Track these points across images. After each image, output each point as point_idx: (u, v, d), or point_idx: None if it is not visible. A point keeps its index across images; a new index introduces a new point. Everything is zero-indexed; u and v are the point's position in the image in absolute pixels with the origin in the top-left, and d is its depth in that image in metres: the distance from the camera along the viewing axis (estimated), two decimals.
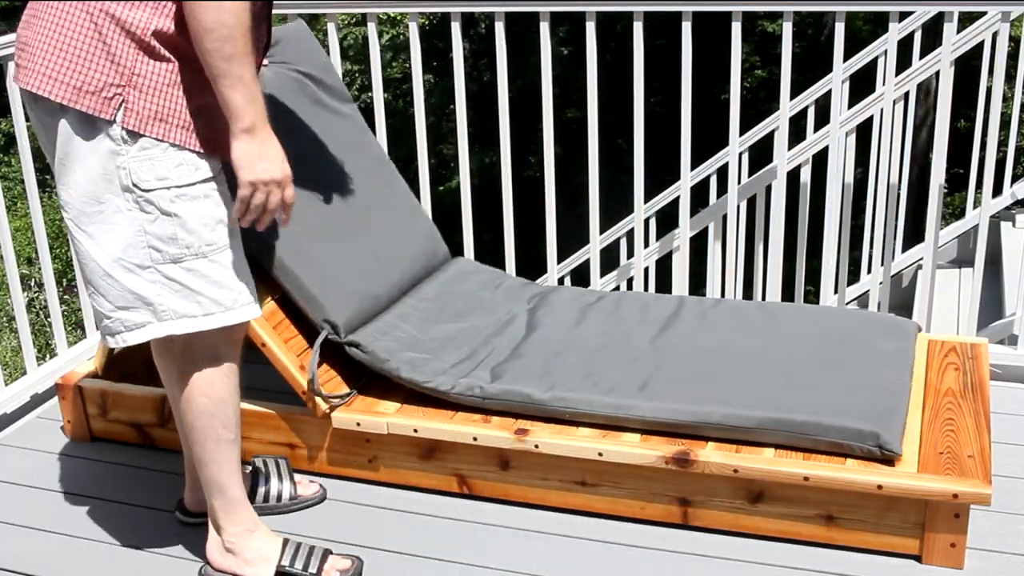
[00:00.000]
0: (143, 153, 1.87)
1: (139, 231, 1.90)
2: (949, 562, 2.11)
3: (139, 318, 1.95)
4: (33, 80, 1.86)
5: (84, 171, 1.88)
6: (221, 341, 2.02)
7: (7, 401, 2.93)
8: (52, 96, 1.84)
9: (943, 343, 2.63)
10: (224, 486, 2.07)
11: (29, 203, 3.01)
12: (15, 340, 8.74)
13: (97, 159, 1.87)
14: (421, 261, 2.82)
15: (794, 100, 4.53)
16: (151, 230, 1.90)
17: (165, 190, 1.89)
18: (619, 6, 3.07)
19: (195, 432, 2.05)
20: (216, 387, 2.03)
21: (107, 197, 1.89)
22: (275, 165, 1.90)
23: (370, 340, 2.47)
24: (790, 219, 3.13)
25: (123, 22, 1.82)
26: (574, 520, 2.32)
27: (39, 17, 1.88)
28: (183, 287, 1.94)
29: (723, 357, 2.45)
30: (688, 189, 3.18)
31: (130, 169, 1.87)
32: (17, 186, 11.16)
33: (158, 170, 1.88)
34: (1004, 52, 2.79)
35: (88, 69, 1.84)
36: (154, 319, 1.94)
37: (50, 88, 1.84)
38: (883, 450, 2.13)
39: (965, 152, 4.91)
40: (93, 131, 1.86)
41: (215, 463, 2.06)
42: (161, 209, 1.89)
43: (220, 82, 1.81)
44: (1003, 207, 4.61)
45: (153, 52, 1.84)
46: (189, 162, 1.91)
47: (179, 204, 1.90)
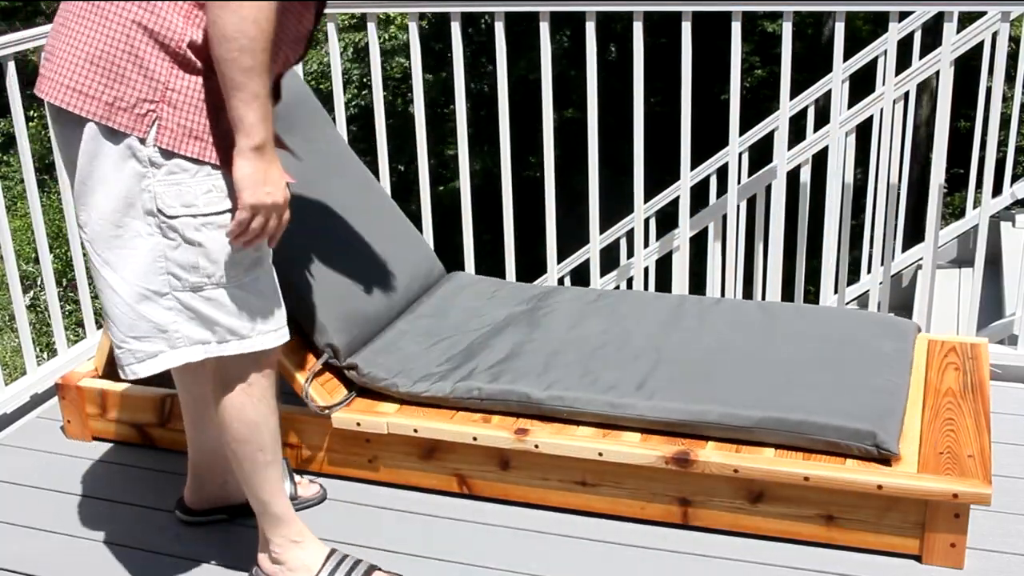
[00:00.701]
0: (170, 177, 1.78)
1: (159, 257, 1.82)
2: (949, 562, 2.11)
3: (152, 348, 1.87)
4: (59, 93, 1.77)
5: (106, 192, 1.79)
6: (250, 367, 1.95)
7: (7, 401, 2.93)
8: (82, 112, 1.76)
9: (943, 343, 2.63)
10: (267, 503, 2.06)
11: (29, 203, 3.01)
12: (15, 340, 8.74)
13: (121, 180, 1.78)
14: (419, 281, 2.84)
15: (794, 100, 4.53)
16: (172, 256, 1.82)
17: (191, 217, 1.80)
18: (619, 6, 3.07)
19: (234, 455, 2.02)
20: (247, 412, 1.97)
21: (127, 220, 1.80)
22: (278, 189, 1.80)
23: (368, 362, 2.49)
24: (790, 219, 3.13)
25: (156, 34, 1.73)
26: (574, 520, 2.32)
27: (67, 27, 1.78)
28: (199, 315, 1.86)
29: (722, 356, 2.45)
30: (688, 189, 3.18)
31: (156, 193, 1.78)
32: (17, 186, 11.16)
33: (185, 196, 1.79)
34: (1004, 52, 2.79)
35: (120, 83, 1.74)
36: (167, 347, 1.87)
37: (79, 103, 1.76)
38: (880, 450, 2.13)
39: (965, 152, 4.91)
40: (120, 150, 1.77)
41: (256, 484, 2.03)
42: (185, 237, 1.81)
43: (235, 95, 1.71)
44: (1003, 207, 4.61)
45: (188, 65, 1.76)
46: (218, 188, 1.81)
47: (204, 232, 1.81)
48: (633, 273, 3.45)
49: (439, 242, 3.45)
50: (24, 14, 14.15)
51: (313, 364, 2.48)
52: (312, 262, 2.59)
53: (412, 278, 2.81)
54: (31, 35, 2.94)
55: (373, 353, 2.52)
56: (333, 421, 2.43)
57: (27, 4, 14.28)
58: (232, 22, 1.66)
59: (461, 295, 2.85)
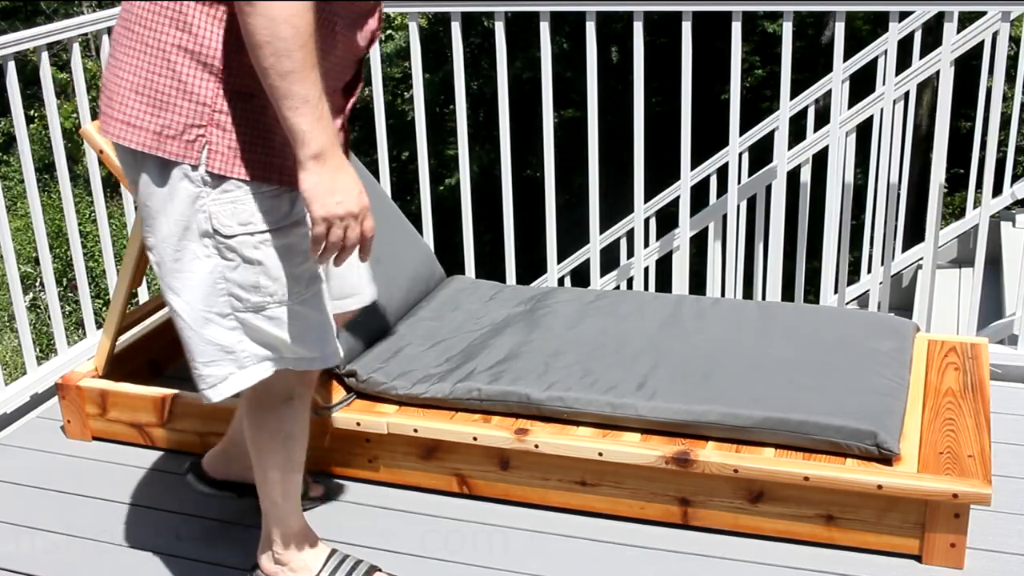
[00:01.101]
0: (225, 196, 1.73)
1: (219, 279, 1.77)
2: (949, 562, 2.11)
3: (221, 371, 1.82)
4: (114, 128, 1.75)
5: (165, 216, 1.75)
6: (296, 382, 1.93)
7: (7, 401, 2.93)
8: (133, 144, 1.73)
9: (943, 343, 2.63)
10: (283, 516, 2.06)
11: (29, 203, 3.01)
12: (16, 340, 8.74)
13: (177, 203, 1.74)
14: (419, 286, 2.84)
15: (794, 100, 4.53)
16: (232, 277, 1.77)
17: (248, 235, 1.74)
18: (619, 6, 3.07)
19: (260, 464, 2.01)
20: (285, 425, 1.96)
21: (184, 244, 1.76)
22: (350, 196, 1.68)
23: (366, 368, 2.49)
24: (790, 219, 3.13)
25: (197, 55, 1.68)
26: (574, 520, 2.32)
27: (115, 58, 1.76)
28: (264, 335, 1.82)
29: (722, 357, 2.45)
30: (688, 189, 3.18)
31: (210, 213, 1.73)
32: (17, 186, 11.16)
33: (241, 214, 1.73)
34: (1004, 52, 2.79)
35: (166, 111, 1.70)
36: (236, 368, 1.82)
37: (130, 136, 1.73)
38: (881, 449, 2.13)
39: (965, 152, 4.91)
40: (173, 176, 1.73)
41: (277, 493, 2.03)
42: (243, 256, 1.75)
43: (283, 104, 1.61)
44: (1003, 207, 4.61)
45: (232, 84, 1.69)
46: (275, 204, 1.75)
47: (263, 250, 1.75)
48: (633, 273, 3.45)
49: (439, 242, 3.45)
50: (24, 14, 14.15)
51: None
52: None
53: (412, 283, 2.81)
54: (31, 35, 2.94)
55: (372, 359, 2.52)
56: (333, 421, 2.43)
57: (27, 4, 14.28)
58: (263, 26, 1.58)
59: (460, 298, 2.85)
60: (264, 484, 2.03)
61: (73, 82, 3.20)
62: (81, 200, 9.44)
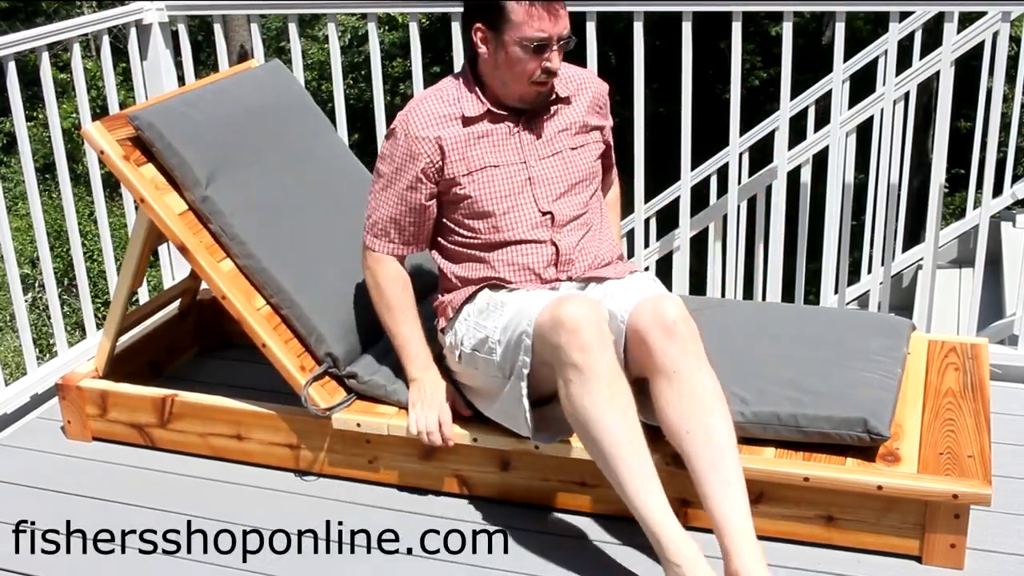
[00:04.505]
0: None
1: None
2: (949, 562, 2.11)
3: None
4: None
5: None
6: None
7: (7, 401, 2.93)
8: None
9: (943, 343, 2.63)
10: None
11: (29, 203, 3.01)
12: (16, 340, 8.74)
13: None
14: (417, 284, 2.83)
15: (794, 100, 4.53)
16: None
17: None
18: (619, 6, 3.07)
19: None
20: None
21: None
22: (424, 418, 2.33)
23: (367, 369, 2.50)
24: (790, 219, 3.13)
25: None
26: (574, 520, 2.31)
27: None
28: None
29: (718, 356, 2.44)
30: (688, 189, 3.18)
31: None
32: (17, 186, 11.16)
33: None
34: (1004, 52, 2.79)
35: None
36: None
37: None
38: (872, 435, 2.13)
39: (965, 152, 4.91)
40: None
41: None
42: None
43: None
44: (1003, 207, 4.60)
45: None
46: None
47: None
48: None
49: None
50: (24, 14, 14.15)
51: (313, 368, 2.49)
52: (312, 269, 2.59)
53: (413, 283, 2.80)
54: (31, 35, 2.94)
55: (373, 360, 2.52)
56: (334, 422, 2.43)
57: (27, 4, 14.29)
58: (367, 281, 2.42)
59: None
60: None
61: (73, 82, 3.20)
62: (80, 200, 9.44)
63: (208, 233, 2.56)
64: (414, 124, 2.29)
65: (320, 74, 12.33)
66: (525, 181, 2.32)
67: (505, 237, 2.31)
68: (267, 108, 2.83)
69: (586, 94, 2.41)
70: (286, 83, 2.97)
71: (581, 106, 2.40)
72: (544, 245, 2.32)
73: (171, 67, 3.50)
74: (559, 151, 2.36)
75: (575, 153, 2.38)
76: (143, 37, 3.42)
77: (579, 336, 2.00)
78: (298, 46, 3.38)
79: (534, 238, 2.31)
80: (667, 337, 2.08)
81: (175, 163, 2.55)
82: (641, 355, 2.12)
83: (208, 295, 3.03)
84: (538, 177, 2.33)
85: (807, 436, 2.18)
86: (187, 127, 2.60)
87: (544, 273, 2.32)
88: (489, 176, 2.30)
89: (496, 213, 2.30)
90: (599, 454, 2.05)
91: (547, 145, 2.35)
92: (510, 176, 2.31)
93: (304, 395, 2.42)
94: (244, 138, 2.71)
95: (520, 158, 2.32)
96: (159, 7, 3.39)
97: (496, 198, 2.30)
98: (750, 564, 1.95)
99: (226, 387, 2.76)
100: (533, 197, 2.32)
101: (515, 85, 2.26)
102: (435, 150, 2.28)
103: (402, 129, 2.30)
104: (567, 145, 2.37)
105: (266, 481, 2.53)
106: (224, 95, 2.77)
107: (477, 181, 2.29)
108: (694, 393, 2.06)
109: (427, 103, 2.31)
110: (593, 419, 2.02)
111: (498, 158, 2.31)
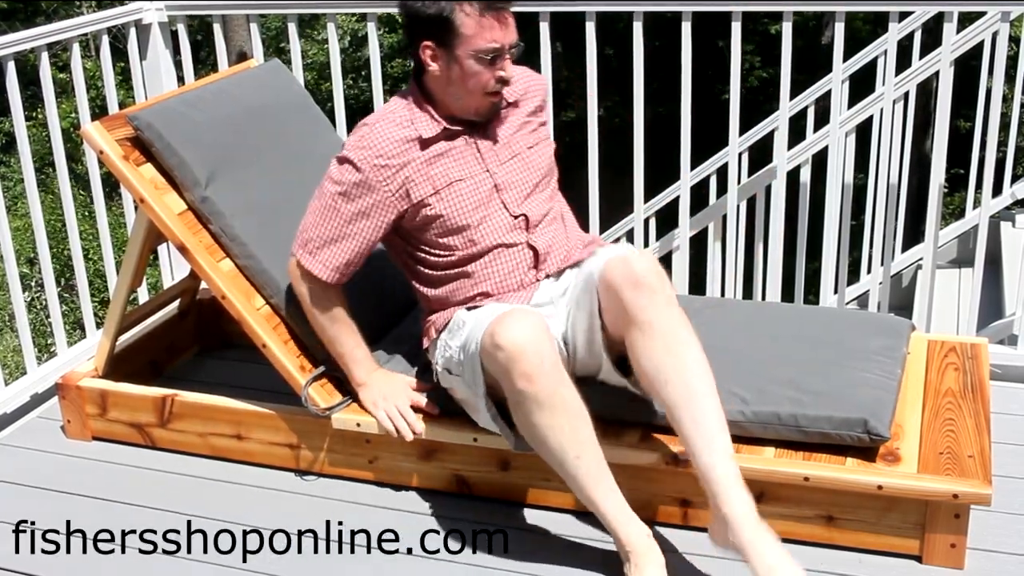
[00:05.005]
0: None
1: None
2: (949, 562, 2.11)
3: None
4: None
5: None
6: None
7: (7, 401, 2.93)
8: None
9: (943, 343, 2.63)
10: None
11: (29, 203, 3.01)
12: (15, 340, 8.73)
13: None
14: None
15: (794, 100, 4.53)
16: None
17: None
18: (619, 6, 3.07)
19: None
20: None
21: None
22: (395, 412, 2.37)
23: None
24: (790, 219, 3.13)
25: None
26: (574, 520, 2.31)
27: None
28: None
29: (717, 356, 2.44)
30: (688, 189, 3.18)
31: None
32: (17, 186, 11.16)
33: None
34: (1004, 52, 2.79)
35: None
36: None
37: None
38: (872, 436, 2.13)
39: (965, 152, 4.91)
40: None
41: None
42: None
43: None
44: (1003, 207, 4.61)
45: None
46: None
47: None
48: None
49: None
50: (24, 14, 14.15)
51: (313, 369, 2.48)
52: None
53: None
54: (31, 35, 2.94)
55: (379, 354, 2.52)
56: (333, 422, 2.43)
57: (27, 4, 14.29)
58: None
59: None
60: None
61: (72, 82, 3.20)
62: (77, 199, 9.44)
63: (208, 233, 2.56)
64: (370, 153, 2.25)
65: (320, 74, 12.33)
66: (491, 189, 2.31)
67: (483, 247, 2.31)
68: (267, 108, 2.83)
69: (530, 93, 2.43)
70: (286, 83, 2.97)
71: (528, 106, 2.42)
72: (521, 248, 2.33)
73: (170, 67, 3.50)
74: (517, 153, 2.37)
75: (532, 152, 2.39)
76: (142, 37, 3.42)
77: (520, 364, 2.00)
78: (298, 46, 3.38)
79: (511, 242, 2.32)
80: (636, 290, 2.08)
81: (174, 163, 2.55)
82: (615, 310, 2.13)
83: (208, 295, 3.03)
84: (503, 183, 2.33)
85: (807, 436, 2.18)
86: (186, 127, 2.60)
87: (525, 277, 2.33)
88: (457, 191, 2.29)
89: (471, 224, 2.29)
90: (556, 466, 2.10)
91: (504, 149, 2.35)
92: (476, 187, 2.30)
93: (304, 395, 2.42)
94: (244, 138, 2.71)
95: (482, 167, 2.32)
96: (159, 7, 3.39)
97: (467, 210, 2.29)
98: (738, 508, 1.97)
99: (226, 387, 2.76)
100: (503, 203, 2.32)
101: (469, 99, 2.26)
102: (396, 179, 2.26)
103: (357, 158, 2.25)
104: (523, 145, 2.38)
105: (266, 481, 2.53)
106: (224, 95, 2.77)
107: (446, 198, 2.29)
108: (667, 342, 2.07)
109: (382, 129, 2.27)
110: (543, 439, 2.06)
111: (461, 171, 2.30)
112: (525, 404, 2.03)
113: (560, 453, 2.06)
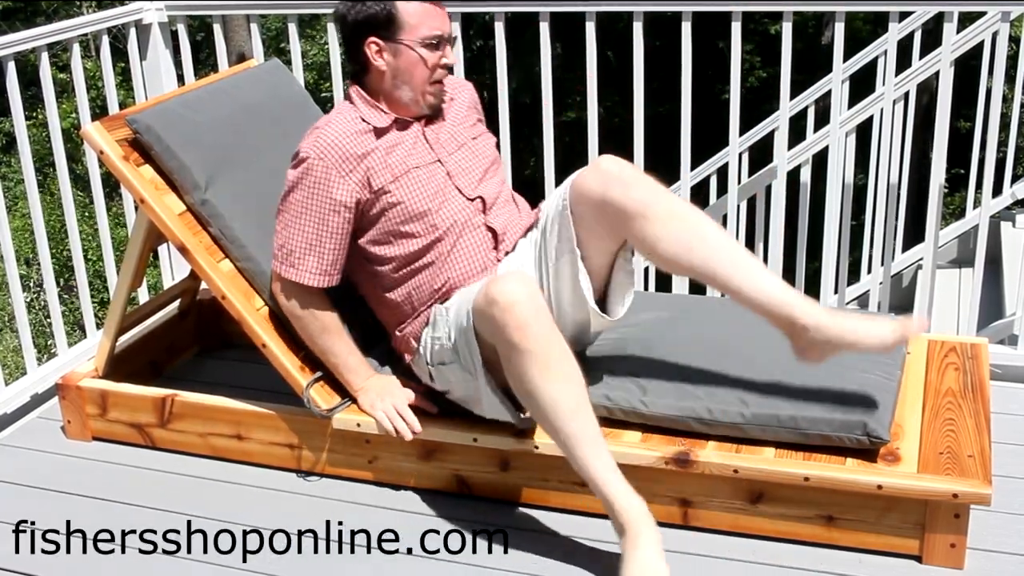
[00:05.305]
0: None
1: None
2: (949, 562, 2.11)
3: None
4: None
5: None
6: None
7: (7, 401, 2.93)
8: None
9: (943, 343, 2.63)
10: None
11: (29, 203, 3.01)
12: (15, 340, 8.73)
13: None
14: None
15: (794, 100, 4.53)
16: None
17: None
18: (619, 6, 3.07)
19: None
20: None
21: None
22: (393, 412, 2.36)
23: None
24: (790, 219, 3.13)
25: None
26: (574, 520, 2.31)
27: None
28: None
29: (716, 355, 2.44)
30: (688, 189, 3.18)
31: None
32: (17, 186, 11.16)
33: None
34: (1004, 52, 2.79)
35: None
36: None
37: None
38: (871, 438, 2.13)
39: (965, 152, 4.91)
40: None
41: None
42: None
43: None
44: (1003, 207, 4.61)
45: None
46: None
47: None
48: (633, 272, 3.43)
49: None
50: (24, 14, 14.16)
51: (313, 369, 2.49)
52: None
53: None
54: (31, 35, 2.94)
55: (373, 360, 2.52)
56: (333, 422, 2.43)
57: (27, 4, 14.29)
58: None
59: None
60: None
61: (73, 82, 3.20)
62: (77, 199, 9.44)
63: (208, 234, 2.56)
64: (328, 146, 2.30)
65: (320, 74, 12.33)
66: (445, 176, 2.39)
67: (444, 230, 2.36)
68: (267, 108, 2.83)
69: (461, 93, 2.55)
70: (286, 82, 2.98)
71: (462, 103, 2.52)
72: (480, 230, 2.39)
73: (171, 67, 3.50)
74: (463, 143, 2.46)
75: (477, 142, 2.49)
76: (143, 37, 3.42)
77: (513, 314, 2.03)
78: (298, 47, 3.38)
79: (471, 223, 2.38)
80: (621, 185, 2.12)
81: (174, 166, 2.55)
82: (606, 217, 2.16)
83: (208, 295, 3.03)
84: (455, 170, 2.41)
85: (807, 438, 2.18)
86: (186, 129, 2.60)
87: (487, 259, 2.39)
88: (415, 177, 2.35)
89: (431, 210, 2.35)
90: (547, 424, 2.10)
91: (451, 141, 2.44)
92: (431, 175, 2.37)
93: (306, 397, 2.42)
94: (244, 139, 2.71)
95: (433, 157, 2.40)
96: (159, 7, 3.39)
97: (427, 196, 2.35)
98: (812, 313, 2.06)
99: (226, 387, 2.76)
100: (457, 188, 2.39)
101: (416, 88, 2.35)
102: (359, 169, 2.32)
103: (316, 154, 2.30)
104: (468, 136, 2.48)
105: (266, 481, 2.53)
106: (223, 95, 2.77)
107: (404, 184, 2.34)
108: (677, 215, 2.12)
109: (334, 126, 2.34)
110: (537, 393, 2.07)
111: (416, 160, 2.37)
112: (520, 359, 2.04)
113: (553, 410, 2.06)
